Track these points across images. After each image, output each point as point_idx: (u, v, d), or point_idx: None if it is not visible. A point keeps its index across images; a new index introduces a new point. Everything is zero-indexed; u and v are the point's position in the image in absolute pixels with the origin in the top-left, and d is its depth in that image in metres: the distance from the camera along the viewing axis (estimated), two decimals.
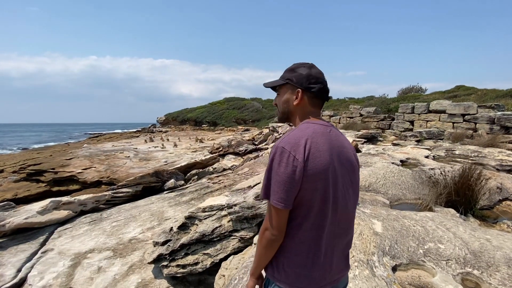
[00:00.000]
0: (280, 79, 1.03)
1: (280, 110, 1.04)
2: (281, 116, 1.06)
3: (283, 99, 1.03)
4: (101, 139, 25.78)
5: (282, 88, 1.03)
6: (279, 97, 1.05)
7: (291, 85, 1.01)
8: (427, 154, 5.17)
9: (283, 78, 1.03)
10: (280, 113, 1.05)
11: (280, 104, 1.04)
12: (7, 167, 11.46)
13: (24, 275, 2.40)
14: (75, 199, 3.71)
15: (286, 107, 1.02)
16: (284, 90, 1.03)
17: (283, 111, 1.04)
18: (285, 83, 1.02)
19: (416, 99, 13.77)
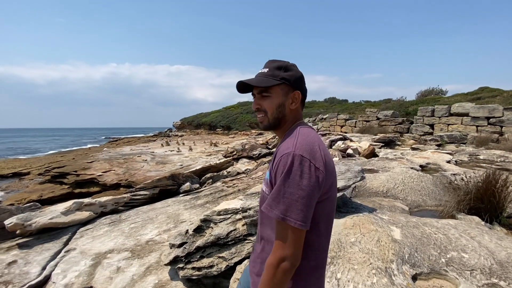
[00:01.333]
0: (271, 78, 0.87)
1: (271, 115, 0.88)
2: (272, 123, 0.89)
3: (277, 102, 0.88)
4: (120, 143, 26.70)
5: (275, 89, 0.87)
6: (269, 100, 0.88)
7: (286, 86, 0.88)
8: (449, 159, 4.97)
9: (277, 77, 0.87)
10: (270, 119, 0.89)
11: (273, 108, 0.88)
12: (34, 170, 12.10)
13: (48, 273, 2.51)
14: (96, 200, 3.86)
15: (281, 111, 0.89)
16: (277, 91, 0.87)
17: (276, 117, 0.89)
18: (280, 83, 0.87)
19: (436, 101, 13.29)
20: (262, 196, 0.91)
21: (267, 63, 0.91)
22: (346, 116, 16.11)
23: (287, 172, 0.76)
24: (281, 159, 0.79)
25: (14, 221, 3.11)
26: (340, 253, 1.83)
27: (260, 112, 0.91)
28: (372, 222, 2.15)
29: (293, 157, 0.77)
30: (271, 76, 0.87)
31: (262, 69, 0.91)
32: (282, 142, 0.87)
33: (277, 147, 0.88)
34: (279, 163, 0.79)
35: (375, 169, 4.32)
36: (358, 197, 3.24)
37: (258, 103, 0.90)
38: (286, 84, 0.88)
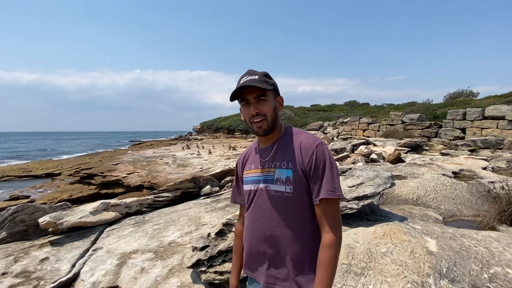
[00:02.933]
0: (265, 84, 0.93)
1: (270, 118, 0.95)
2: (270, 126, 0.96)
3: (273, 106, 0.96)
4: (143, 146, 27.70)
5: (269, 93, 0.95)
6: (267, 104, 0.94)
7: (273, 92, 0.98)
8: (485, 166, 4.62)
9: (269, 84, 0.95)
10: (269, 123, 0.95)
11: (271, 111, 0.95)
12: (64, 171, 12.84)
13: (77, 271, 2.60)
14: (121, 201, 3.99)
15: (275, 114, 0.97)
16: (270, 96, 0.96)
17: (273, 120, 0.96)
18: (272, 88, 0.95)
19: (467, 104, 12.52)
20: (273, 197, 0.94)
21: (251, 72, 0.97)
22: (368, 119, 15.60)
23: (329, 157, 0.90)
24: (316, 150, 0.91)
25: (47, 219, 3.28)
26: (370, 264, 1.72)
27: (258, 116, 0.94)
28: (404, 231, 2.02)
29: (324, 145, 0.93)
30: (264, 82, 0.93)
31: (249, 76, 0.94)
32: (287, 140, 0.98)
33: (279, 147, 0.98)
34: (316, 153, 0.90)
35: (402, 175, 4.11)
36: (385, 204, 3.07)
37: (256, 107, 0.94)
38: (274, 90, 0.98)
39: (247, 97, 0.94)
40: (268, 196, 0.95)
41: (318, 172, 0.89)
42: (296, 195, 0.91)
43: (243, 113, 0.98)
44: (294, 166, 0.91)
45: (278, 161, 0.95)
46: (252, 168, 1.04)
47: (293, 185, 0.91)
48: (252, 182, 1.01)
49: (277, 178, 0.93)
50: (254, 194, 1.00)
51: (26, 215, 3.50)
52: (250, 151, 1.12)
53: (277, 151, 0.98)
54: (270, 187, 0.95)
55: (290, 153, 0.95)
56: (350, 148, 7.98)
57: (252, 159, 1.06)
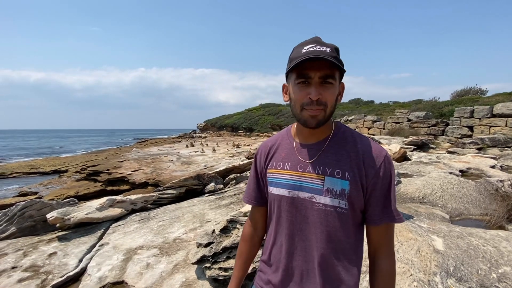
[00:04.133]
0: (336, 61, 0.69)
1: (329, 110, 0.74)
2: (327, 119, 0.75)
3: (336, 93, 0.75)
4: (148, 143, 27.90)
5: (337, 77, 0.73)
6: (332, 90, 0.72)
7: (340, 75, 0.75)
8: (493, 164, 4.54)
9: (341, 63, 0.71)
10: (327, 115, 0.74)
11: (333, 101, 0.73)
12: (71, 168, 13.01)
13: (84, 265, 2.64)
14: (127, 198, 4.03)
15: (335, 106, 0.76)
16: (337, 79, 0.73)
17: (332, 112, 0.75)
18: (344, 70, 0.73)
19: (475, 102, 12.31)
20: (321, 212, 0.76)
21: (321, 40, 0.74)
22: (373, 117, 15.47)
23: (393, 175, 0.77)
24: (384, 163, 0.75)
25: (55, 215, 3.33)
26: None
27: (318, 105, 0.71)
28: (410, 230, 2.00)
29: (390, 157, 0.78)
30: (336, 60, 0.69)
31: (319, 46, 0.70)
32: (341, 140, 0.79)
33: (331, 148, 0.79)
34: (384, 168, 0.75)
35: (409, 173, 4.06)
36: None
37: (319, 91, 0.71)
38: (342, 72, 0.75)
39: (310, 74, 0.70)
40: (314, 210, 0.77)
41: (383, 191, 0.74)
42: (349, 211, 0.75)
43: (296, 93, 0.74)
44: (352, 177, 0.74)
45: (329, 166, 0.76)
46: (286, 168, 0.82)
47: (348, 200, 0.74)
48: (287, 186, 0.81)
49: (328, 189, 0.75)
50: (289, 202, 0.80)
51: (35, 211, 3.56)
52: (279, 143, 0.89)
53: (327, 153, 0.78)
54: (317, 198, 0.76)
55: (346, 159, 0.76)
56: None
57: (286, 156, 0.84)
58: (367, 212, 0.76)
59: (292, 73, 0.74)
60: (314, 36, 0.76)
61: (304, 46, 0.71)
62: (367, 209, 0.76)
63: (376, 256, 0.78)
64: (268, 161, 0.88)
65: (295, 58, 0.71)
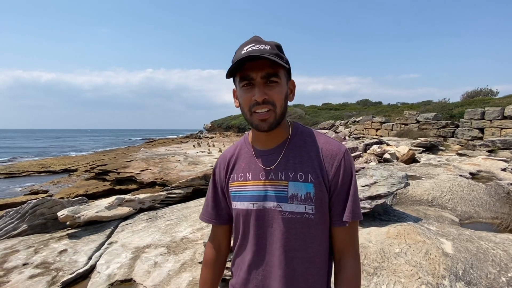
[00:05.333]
0: (278, 58, 0.65)
1: (279, 110, 0.69)
2: (278, 120, 0.70)
3: (285, 92, 0.70)
4: (155, 144, 28.21)
5: (282, 74, 0.69)
6: (278, 89, 0.68)
7: (286, 73, 0.72)
8: (504, 167, 4.45)
9: (283, 60, 0.67)
10: (278, 116, 0.69)
11: (282, 100, 0.69)
12: (80, 167, 13.25)
13: (93, 263, 2.70)
14: (135, 197, 4.10)
15: (285, 105, 0.72)
16: (283, 78, 0.69)
17: (283, 112, 0.71)
18: (286, 68, 0.69)
19: (486, 103, 12.06)
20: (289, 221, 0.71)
21: (260, 39, 0.70)
22: (381, 118, 15.29)
23: (351, 169, 0.73)
24: (344, 159, 0.72)
25: (65, 213, 3.41)
26: (384, 264, 1.70)
27: (264, 105, 0.67)
28: (418, 232, 1.98)
29: (348, 154, 0.73)
30: (278, 56, 0.65)
31: (258, 45, 0.66)
32: (300, 142, 0.76)
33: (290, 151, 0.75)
34: (344, 164, 0.72)
35: (417, 175, 4.01)
36: (399, 204, 3.02)
37: (264, 92, 0.66)
38: (287, 70, 0.71)
39: (252, 75, 0.66)
40: (282, 220, 0.71)
41: (345, 188, 0.72)
42: (317, 216, 0.70)
43: (241, 97, 0.70)
44: (315, 178, 0.70)
45: (291, 170, 0.72)
46: (248, 179, 0.76)
47: (315, 203, 0.70)
48: (250, 198, 0.75)
49: (293, 195, 0.70)
50: (255, 216, 0.74)
51: (46, 209, 3.65)
52: (238, 152, 0.83)
53: (288, 157, 0.74)
54: (284, 207, 0.70)
55: (307, 160, 0.72)
56: (362, 148, 7.86)
57: (247, 166, 0.78)
58: (330, 213, 0.73)
59: (236, 77, 0.71)
60: (253, 36, 0.72)
61: (244, 47, 0.68)
62: (330, 209, 0.73)
63: (341, 258, 0.74)
64: (228, 174, 0.82)
65: (234, 60, 0.67)
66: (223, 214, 0.85)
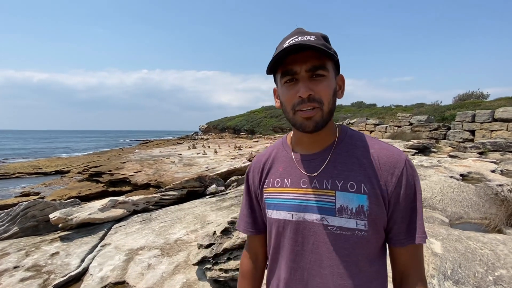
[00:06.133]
0: (326, 48, 0.57)
1: (327, 107, 0.61)
2: (326, 119, 0.62)
3: (333, 87, 0.62)
4: (150, 145, 28.02)
5: (330, 67, 0.61)
6: (325, 83, 0.59)
7: (335, 66, 0.63)
8: (494, 168, 4.55)
9: (331, 51, 0.59)
10: (325, 113, 0.61)
11: (330, 96, 0.61)
12: (73, 168, 13.09)
13: (86, 265, 2.68)
14: (129, 199, 4.07)
15: (333, 102, 0.63)
16: (331, 72, 0.61)
17: (331, 110, 0.62)
18: (334, 60, 0.61)
19: (477, 106, 12.31)
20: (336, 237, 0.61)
21: (304, 30, 0.62)
22: (375, 121, 15.47)
23: (418, 182, 0.62)
24: (406, 169, 0.61)
25: (57, 215, 3.37)
26: None
27: (310, 102, 0.59)
28: None
29: (411, 164, 0.63)
30: (325, 47, 0.57)
31: (301, 36, 0.59)
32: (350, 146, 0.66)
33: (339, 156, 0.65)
34: (406, 175, 0.61)
35: None
36: None
37: (310, 87, 0.58)
38: (336, 63, 0.63)
39: (295, 69, 0.59)
40: (327, 235, 0.61)
41: (409, 202, 0.60)
42: (371, 233, 0.60)
43: (284, 95, 0.63)
44: (370, 189, 0.60)
45: (340, 179, 0.62)
46: (286, 185, 0.68)
47: (368, 219, 0.59)
48: (289, 208, 0.66)
49: (342, 207, 0.60)
50: (293, 228, 0.65)
51: (37, 211, 3.60)
52: (274, 156, 0.75)
53: (335, 163, 0.64)
54: (330, 220, 0.61)
55: (359, 168, 0.62)
56: None
57: (285, 171, 0.70)
58: (391, 231, 0.62)
59: (277, 73, 0.63)
60: (296, 28, 0.65)
61: (286, 40, 0.60)
62: (391, 227, 0.62)
63: (404, 283, 0.63)
64: (263, 179, 0.74)
65: (277, 52, 0.60)
66: (259, 223, 0.78)
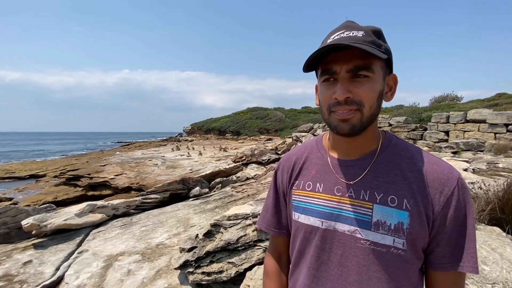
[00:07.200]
0: (375, 47, 0.52)
1: (368, 110, 0.55)
2: (365, 123, 0.56)
3: (379, 89, 0.56)
4: (132, 147, 27.25)
5: (377, 67, 0.55)
6: (369, 85, 0.54)
7: (385, 65, 0.57)
8: (466, 167, 4.80)
9: (381, 48, 0.54)
10: (365, 117, 0.55)
11: (374, 98, 0.55)
12: (49, 172, 12.49)
13: (61, 274, 2.56)
14: (108, 203, 3.94)
15: (378, 106, 0.57)
16: (378, 72, 0.55)
17: (374, 114, 0.56)
18: (384, 58, 0.53)
19: (451, 108, 12.96)
20: (369, 253, 0.56)
21: (353, 24, 0.57)
22: None
23: (470, 205, 0.54)
24: (458, 189, 0.54)
25: (30, 222, 3.20)
26: None
27: (348, 105, 0.54)
28: None
29: (464, 181, 0.56)
30: (373, 44, 0.52)
31: (348, 31, 0.54)
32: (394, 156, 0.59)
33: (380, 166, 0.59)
34: (458, 195, 0.54)
35: None
36: None
37: (349, 88, 0.53)
38: (386, 62, 0.57)
39: (334, 68, 0.54)
40: (360, 250, 0.56)
41: (456, 226, 0.54)
42: (409, 253, 0.55)
43: (321, 94, 0.59)
44: (413, 206, 0.54)
45: (380, 190, 0.57)
46: (318, 190, 0.63)
47: (407, 238, 0.54)
48: (319, 214, 0.61)
49: (379, 222, 0.55)
50: (321, 236, 0.61)
51: (9, 218, 3.40)
52: (306, 156, 0.70)
53: (376, 173, 0.58)
54: (365, 234, 0.56)
55: (402, 181, 0.56)
56: None
57: (318, 174, 0.65)
58: (432, 253, 0.56)
59: (318, 69, 0.58)
60: (346, 20, 0.59)
61: (332, 35, 0.56)
62: (433, 249, 0.56)
63: None
64: (293, 180, 0.69)
65: (317, 50, 0.55)
66: (284, 224, 0.73)
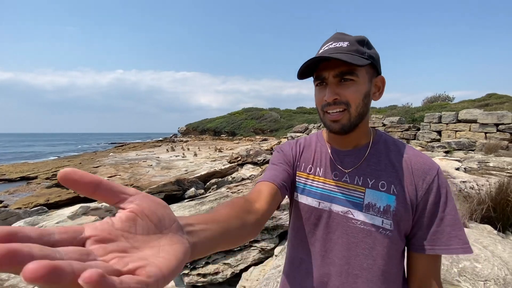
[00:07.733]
0: (357, 55, 0.60)
1: (355, 110, 0.62)
2: (354, 122, 0.63)
3: (364, 91, 0.62)
4: (126, 148, 26.99)
5: (361, 71, 0.62)
6: (354, 88, 0.61)
7: (371, 69, 0.64)
8: (458, 166, 4.88)
9: (363, 55, 0.61)
10: (353, 116, 0.63)
11: (359, 99, 0.62)
12: (41, 174, 12.28)
13: None
14: (102, 205, 3.89)
15: (366, 105, 0.64)
16: (363, 75, 0.62)
17: (361, 113, 0.63)
18: (368, 63, 0.61)
19: (443, 108, 13.17)
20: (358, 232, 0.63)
21: (341, 35, 0.64)
22: None
23: (450, 192, 0.61)
24: (438, 178, 0.61)
25: (21, 225, 3.14)
26: None
27: (337, 105, 0.62)
28: None
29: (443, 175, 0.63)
30: (356, 53, 0.60)
31: (335, 42, 0.62)
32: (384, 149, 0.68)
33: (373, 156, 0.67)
34: (438, 183, 0.61)
35: None
36: None
37: (336, 91, 0.61)
38: (371, 65, 0.64)
39: (324, 74, 0.62)
40: (349, 228, 0.63)
41: (435, 211, 0.60)
42: (395, 234, 0.61)
43: (315, 96, 0.67)
44: (400, 191, 0.61)
45: (371, 177, 0.64)
46: (318, 174, 0.71)
47: (393, 219, 0.60)
48: (317, 196, 0.68)
49: (370, 204, 0.62)
50: (317, 216, 0.68)
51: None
52: (308, 143, 0.78)
53: (370, 162, 0.66)
54: (356, 215, 0.63)
55: (391, 170, 0.64)
56: None
57: (318, 160, 0.73)
58: (415, 237, 0.62)
59: (313, 76, 0.67)
60: (335, 32, 0.66)
61: (323, 46, 0.64)
62: (415, 233, 0.61)
63: None
64: (296, 161, 0.75)
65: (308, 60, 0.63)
66: (284, 182, 0.68)
